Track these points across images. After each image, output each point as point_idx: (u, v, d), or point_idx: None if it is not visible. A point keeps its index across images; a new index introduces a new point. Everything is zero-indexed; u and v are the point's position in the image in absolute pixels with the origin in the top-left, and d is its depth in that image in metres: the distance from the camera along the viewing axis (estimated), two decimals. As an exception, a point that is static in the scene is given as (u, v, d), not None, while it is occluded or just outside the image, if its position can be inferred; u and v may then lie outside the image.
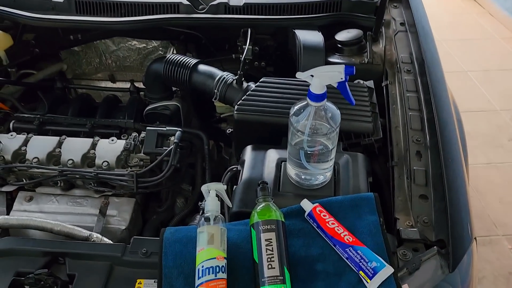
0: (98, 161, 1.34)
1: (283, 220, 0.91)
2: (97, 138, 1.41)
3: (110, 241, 1.10)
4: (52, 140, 1.39)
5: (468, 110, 3.04)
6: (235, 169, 1.21)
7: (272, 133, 1.21)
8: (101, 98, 1.85)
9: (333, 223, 0.93)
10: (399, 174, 1.13)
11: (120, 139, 1.42)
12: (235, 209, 1.03)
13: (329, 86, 0.94)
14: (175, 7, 1.59)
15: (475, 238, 1.01)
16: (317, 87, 0.91)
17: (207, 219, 0.90)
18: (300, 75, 0.94)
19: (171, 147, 1.34)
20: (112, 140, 1.39)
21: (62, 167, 1.34)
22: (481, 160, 2.76)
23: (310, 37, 1.51)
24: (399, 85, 1.36)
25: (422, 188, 1.07)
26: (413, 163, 1.13)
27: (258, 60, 1.72)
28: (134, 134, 1.43)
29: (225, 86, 1.43)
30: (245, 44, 1.56)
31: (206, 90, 1.49)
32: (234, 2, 1.59)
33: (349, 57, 1.52)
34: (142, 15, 1.60)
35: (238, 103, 1.28)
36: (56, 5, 1.61)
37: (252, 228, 0.90)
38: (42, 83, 1.81)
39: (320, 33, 1.54)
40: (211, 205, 0.92)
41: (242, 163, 1.16)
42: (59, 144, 1.38)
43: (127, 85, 1.86)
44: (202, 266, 0.84)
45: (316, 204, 0.97)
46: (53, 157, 1.37)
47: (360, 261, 0.87)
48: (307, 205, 0.97)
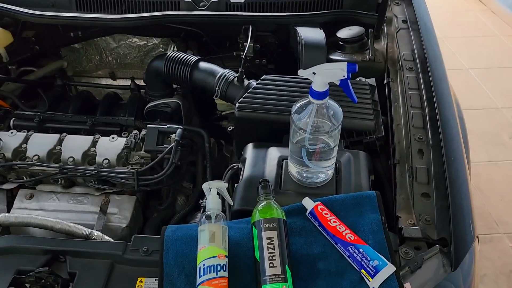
0: (98, 159, 1.34)
1: (284, 218, 0.91)
2: (97, 135, 1.40)
3: (111, 239, 1.09)
4: (52, 138, 1.39)
5: (470, 108, 3.03)
6: (236, 167, 1.21)
7: (274, 131, 1.20)
8: (102, 96, 1.85)
9: (334, 222, 0.93)
10: (401, 172, 1.12)
11: (121, 136, 1.41)
12: (236, 207, 1.03)
13: (330, 84, 0.94)
14: (176, 4, 1.59)
15: (477, 237, 1.01)
16: (319, 85, 0.91)
17: (208, 217, 0.90)
18: (302, 72, 0.93)
19: (172, 144, 1.34)
20: (113, 138, 1.39)
21: (62, 164, 1.34)
22: (482, 158, 2.76)
23: (311, 34, 1.50)
24: (401, 82, 1.36)
25: (424, 186, 1.06)
26: (415, 161, 1.12)
27: (259, 58, 1.72)
28: (135, 132, 1.42)
29: (226, 83, 1.43)
30: (246, 42, 1.56)
31: (207, 88, 1.49)
32: (235, -1, 1.59)
33: (350, 55, 1.51)
34: (143, 12, 1.60)
35: (239, 100, 1.28)
36: (56, 2, 1.61)
37: (253, 227, 0.90)
38: (42, 80, 1.81)
39: (321, 30, 1.54)
40: (212, 203, 0.92)
41: (243, 161, 1.15)
42: (60, 142, 1.38)
43: (127, 82, 1.86)
44: (204, 265, 0.84)
45: (318, 202, 0.97)
46: (54, 154, 1.37)
47: (362, 260, 0.87)
48: (308, 203, 0.97)
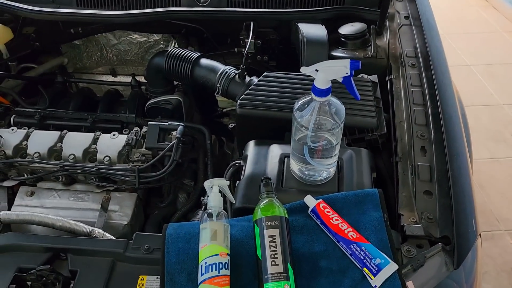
0: (99, 156, 1.33)
1: (286, 216, 0.90)
2: (98, 132, 1.40)
3: (112, 237, 1.09)
4: (53, 135, 1.39)
5: (471, 105, 3.03)
6: (237, 164, 1.20)
7: (275, 128, 1.20)
8: (102, 92, 1.84)
9: (337, 219, 0.93)
10: (403, 169, 1.12)
11: (122, 133, 1.41)
12: (238, 205, 1.02)
13: (332, 80, 0.93)
14: (176, 0, 1.58)
15: (480, 234, 1.00)
16: (321, 82, 0.90)
17: (210, 215, 0.89)
18: (305, 69, 0.93)
19: (173, 142, 1.33)
20: (114, 135, 1.38)
21: (63, 162, 1.33)
22: (483, 155, 2.75)
23: (313, 30, 1.49)
24: (403, 79, 1.35)
25: (426, 184, 1.05)
26: (417, 158, 1.11)
27: (260, 54, 1.71)
28: (136, 129, 1.42)
29: (228, 80, 1.42)
30: (248, 38, 1.55)
31: (208, 84, 1.48)
32: (237, -5, 1.58)
33: (352, 51, 1.50)
34: (143, 8, 1.59)
35: (241, 97, 1.27)
36: (56, -2, 1.60)
37: (255, 225, 0.89)
38: (42, 77, 1.80)
39: (323, 26, 1.53)
40: (214, 201, 0.92)
41: (244, 159, 1.15)
42: (60, 139, 1.38)
43: (128, 79, 1.85)
44: (205, 263, 0.83)
45: (320, 200, 0.96)
46: (54, 152, 1.36)
47: (364, 258, 0.87)
48: (310, 201, 0.96)
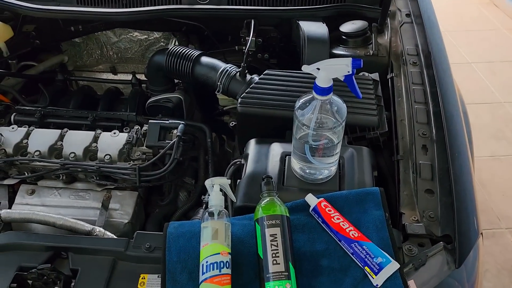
0: (100, 154, 1.33)
1: (287, 215, 0.90)
2: (99, 131, 1.40)
3: (113, 235, 1.09)
4: (53, 133, 1.38)
5: (472, 102, 3.02)
6: (238, 162, 1.20)
7: (276, 127, 1.19)
8: (103, 90, 1.84)
9: (338, 218, 0.92)
10: (404, 168, 1.11)
11: (122, 132, 1.41)
12: (239, 204, 1.02)
13: (333, 78, 0.92)
14: (177, -2, 1.57)
15: (482, 233, 1.00)
16: (323, 81, 0.89)
17: (211, 214, 0.89)
18: (306, 68, 0.92)
19: (174, 140, 1.33)
20: (114, 133, 1.38)
21: (64, 160, 1.33)
22: (484, 153, 2.75)
23: (314, 28, 1.49)
24: (405, 77, 1.34)
25: (428, 183, 1.05)
26: (419, 157, 1.11)
27: (261, 52, 1.71)
28: (137, 127, 1.42)
29: (228, 78, 1.41)
30: (248, 36, 1.54)
31: (209, 83, 1.48)
32: (237, -8, 1.58)
33: (354, 49, 1.50)
34: (144, 6, 1.58)
35: (242, 96, 1.27)
36: (56, -5, 1.60)
37: (256, 223, 0.89)
38: (43, 75, 1.80)
39: (324, 24, 1.52)
40: (215, 199, 0.91)
41: (245, 157, 1.15)
42: (61, 137, 1.37)
43: (128, 77, 1.85)
44: (206, 262, 0.83)
45: (321, 198, 0.96)
46: (55, 150, 1.36)
47: (366, 257, 0.87)
48: (312, 199, 0.96)
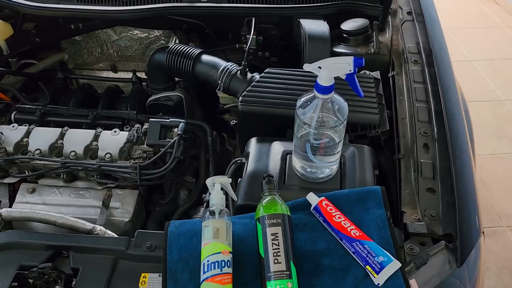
0: (100, 153, 1.33)
1: (289, 214, 0.90)
2: (99, 129, 1.39)
3: (114, 234, 1.09)
4: (54, 132, 1.38)
5: (473, 100, 3.01)
6: (239, 161, 1.20)
7: (277, 125, 1.19)
8: (103, 89, 1.83)
9: (339, 217, 0.92)
10: (405, 166, 1.11)
11: (123, 130, 1.40)
12: (240, 202, 1.02)
13: (334, 77, 0.92)
14: (177, -4, 1.57)
15: (483, 232, 1.00)
16: (325, 79, 0.89)
17: (212, 213, 0.89)
18: (308, 66, 0.92)
19: (175, 139, 1.33)
20: (115, 132, 1.38)
21: (64, 159, 1.33)
22: (485, 151, 2.74)
23: (315, 26, 1.48)
24: (406, 76, 1.34)
25: (429, 181, 1.05)
26: (420, 155, 1.11)
27: (262, 50, 1.70)
28: (137, 126, 1.41)
29: (229, 77, 1.41)
30: (249, 34, 1.54)
31: (210, 81, 1.48)
32: (238, -10, 1.57)
33: (355, 47, 1.49)
34: (144, 4, 1.58)
35: (243, 94, 1.26)
36: (56, -7, 1.59)
37: (257, 222, 0.89)
38: (43, 73, 1.79)
39: (325, 22, 1.52)
40: (216, 198, 0.91)
41: (246, 156, 1.14)
42: (61, 136, 1.37)
43: (129, 75, 1.84)
44: (208, 261, 0.83)
45: (322, 197, 0.96)
46: (56, 148, 1.36)
47: (367, 256, 0.87)
48: (313, 198, 0.96)
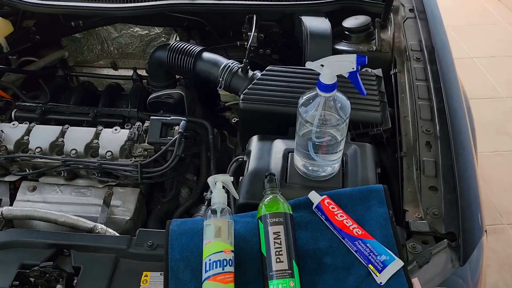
0: (101, 151, 1.33)
1: (291, 212, 0.90)
2: (100, 127, 1.39)
3: (115, 232, 1.09)
4: (55, 130, 1.38)
5: (474, 97, 3.00)
6: (240, 159, 1.19)
7: (279, 123, 1.19)
8: (104, 86, 1.83)
9: (341, 216, 0.92)
10: (408, 165, 1.11)
11: (124, 128, 1.40)
12: (241, 201, 1.02)
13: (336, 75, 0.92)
14: (178, -7, 1.56)
15: (486, 230, 0.99)
16: (327, 77, 0.89)
17: (214, 212, 0.89)
18: (310, 64, 0.91)
19: (176, 137, 1.32)
20: (116, 130, 1.37)
21: (65, 157, 1.32)
22: (486, 148, 2.74)
23: (316, 24, 1.48)
24: (408, 73, 1.33)
25: (431, 180, 1.05)
26: (422, 153, 1.10)
27: (263, 48, 1.69)
28: (138, 124, 1.41)
29: (230, 74, 1.40)
30: (250, 31, 1.53)
31: (211, 79, 1.47)
32: (239, -13, 1.56)
33: (356, 45, 1.49)
34: (145, 1, 1.57)
35: (244, 92, 1.26)
36: (56, -10, 1.58)
37: (259, 221, 0.89)
38: (43, 71, 1.79)
39: (327, 19, 1.51)
40: (217, 197, 0.91)
41: (248, 154, 1.14)
42: (62, 134, 1.37)
43: (129, 72, 1.84)
44: (209, 260, 0.83)
45: (324, 196, 0.95)
46: (56, 146, 1.35)
47: (369, 254, 0.86)
48: (315, 197, 0.96)
